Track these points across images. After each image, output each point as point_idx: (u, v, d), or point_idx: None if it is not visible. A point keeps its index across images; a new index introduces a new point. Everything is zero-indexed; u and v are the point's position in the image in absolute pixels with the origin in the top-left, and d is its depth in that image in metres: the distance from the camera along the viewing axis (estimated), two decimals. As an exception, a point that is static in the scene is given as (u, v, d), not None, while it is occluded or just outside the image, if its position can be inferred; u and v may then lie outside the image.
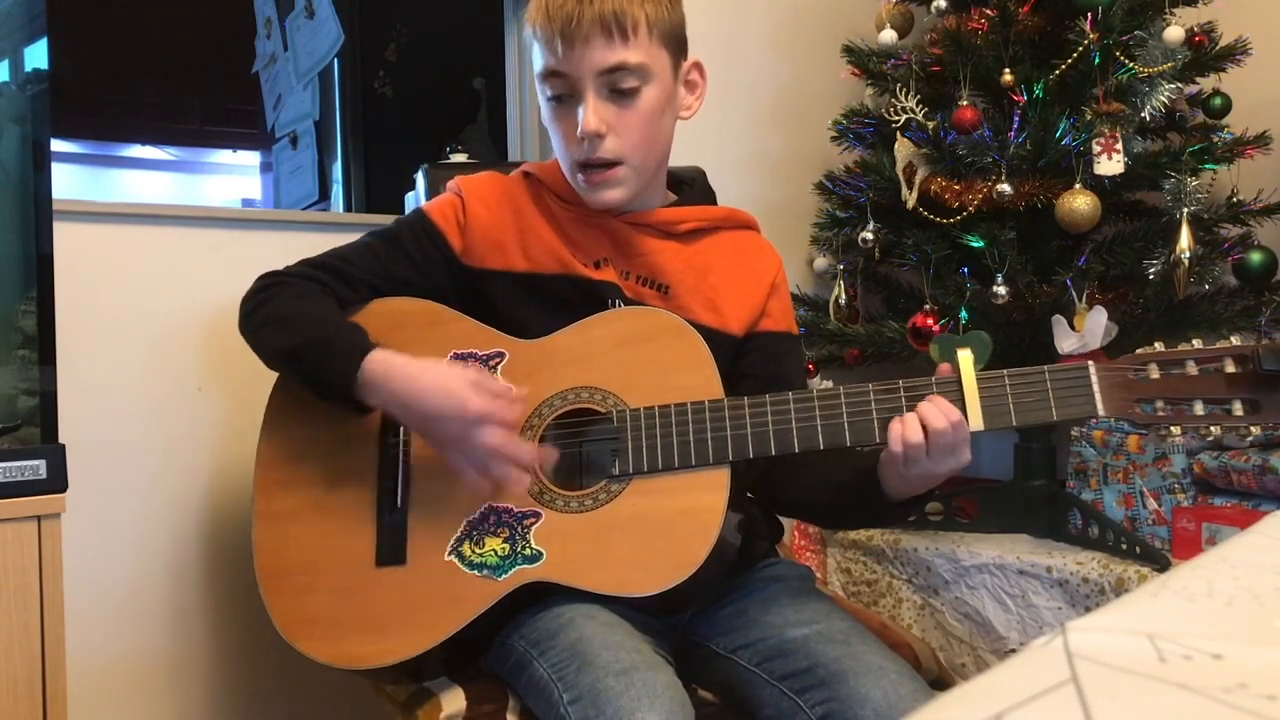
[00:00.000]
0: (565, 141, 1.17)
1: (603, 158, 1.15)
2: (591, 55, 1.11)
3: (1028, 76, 1.75)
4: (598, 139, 1.14)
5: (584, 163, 1.16)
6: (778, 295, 1.29)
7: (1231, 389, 1.00)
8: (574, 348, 1.16)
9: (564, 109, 1.16)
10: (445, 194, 1.26)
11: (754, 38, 2.14)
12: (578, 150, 1.15)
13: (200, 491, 1.58)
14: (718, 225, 1.29)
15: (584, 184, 1.18)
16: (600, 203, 1.19)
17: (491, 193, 1.24)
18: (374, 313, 1.19)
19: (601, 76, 1.12)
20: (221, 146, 4.65)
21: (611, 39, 1.11)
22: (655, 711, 0.93)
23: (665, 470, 1.09)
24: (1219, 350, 1.01)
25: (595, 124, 1.13)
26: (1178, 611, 0.53)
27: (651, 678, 0.96)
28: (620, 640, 1.02)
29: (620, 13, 1.11)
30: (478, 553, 1.10)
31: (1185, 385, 1.01)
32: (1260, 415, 0.99)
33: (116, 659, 1.52)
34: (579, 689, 0.96)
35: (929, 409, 1.03)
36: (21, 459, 1.11)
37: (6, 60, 1.32)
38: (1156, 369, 1.03)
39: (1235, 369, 1.00)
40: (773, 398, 1.10)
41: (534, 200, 1.24)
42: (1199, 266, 1.63)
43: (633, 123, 1.15)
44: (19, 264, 1.27)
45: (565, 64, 1.12)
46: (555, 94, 1.15)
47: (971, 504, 1.84)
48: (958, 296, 1.73)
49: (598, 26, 1.11)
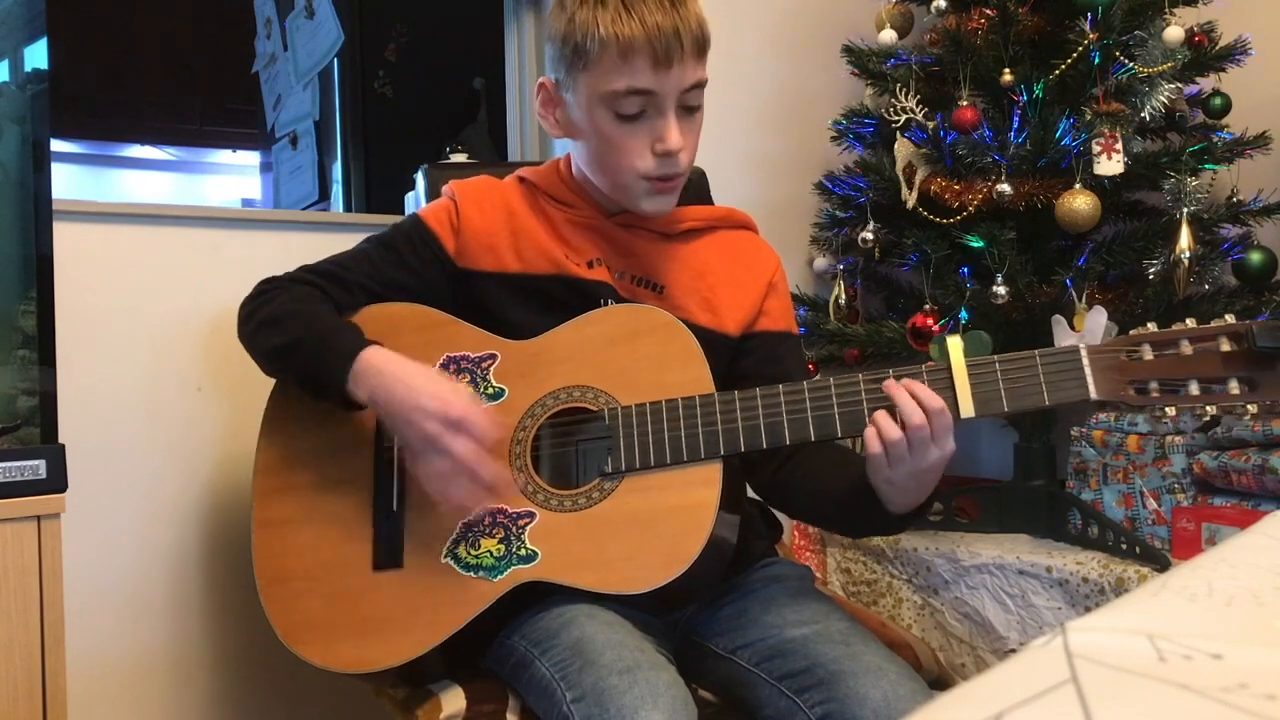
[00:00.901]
0: (632, 155, 1.15)
1: (678, 173, 1.17)
2: (685, 75, 1.12)
3: (1028, 76, 1.75)
4: (678, 155, 1.15)
5: (654, 175, 1.16)
6: (776, 294, 1.28)
7: (1227, 368, 0.97)
8: (566, 347, 1.16)
9: (635, 124, 1.14)
10: (440, 198, 1.27)
11: (754, 38, 2.14)
12: (654, 165, 1.15)
13: (200, 491, 1.58)
14: (714, 225, 1.29)
15: (650, 192, 1.18)
16: (660, 212, 1.21)
17: (485, 195, 1.25)
18: (368, 317, 1.20)
19: (683, 94, 1.14)
20: (221, 146, 4.65)
21: (701, 59, 1.14)
22: (659, 710, 0.93)
23: (658, 467, 1.09)
24: (1214, 329, 0.98)
25: (681, 141, 1.14)
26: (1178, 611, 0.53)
27: (654, 677, 0.96)
28: (622, 639, 1.02)
29: (705, 33, 1.13)
30: (473, 554, 1.10)
31: (1180, 365, 0.99)
32: (1257, 393, 0.96)
33: (116, 659, 1.52)
34: (582, 688, 0.96)
35: (900, 397, 1.01)
36: (21, 459, 1.11)
37: (6, 60, 1.32)
38: (1150, 350, 1.00)
39: (1230, 347, 0.97)
40: (763, 391, 1.09)
41: (528, 203, 1.25)
42: (1199, 266, 1.63)
43: (694, 138, 1.18)
44: (19, 264, 1.27)
45: (657, 82, 1.11)
46: (635, 112, 1.14)
47: (971, 504, 1.84)
48: (958, 296, 1.73)
49: (693, 44, 1.11)
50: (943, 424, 1.00)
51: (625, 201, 1.21)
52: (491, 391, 1.16)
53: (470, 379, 1.16)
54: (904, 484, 1.04)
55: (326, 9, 2.57)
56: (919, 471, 1.02)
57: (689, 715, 0.96)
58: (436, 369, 1.16)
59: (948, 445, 1.01)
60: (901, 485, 1.04)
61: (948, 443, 1.01)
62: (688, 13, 1.11)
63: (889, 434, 1.00)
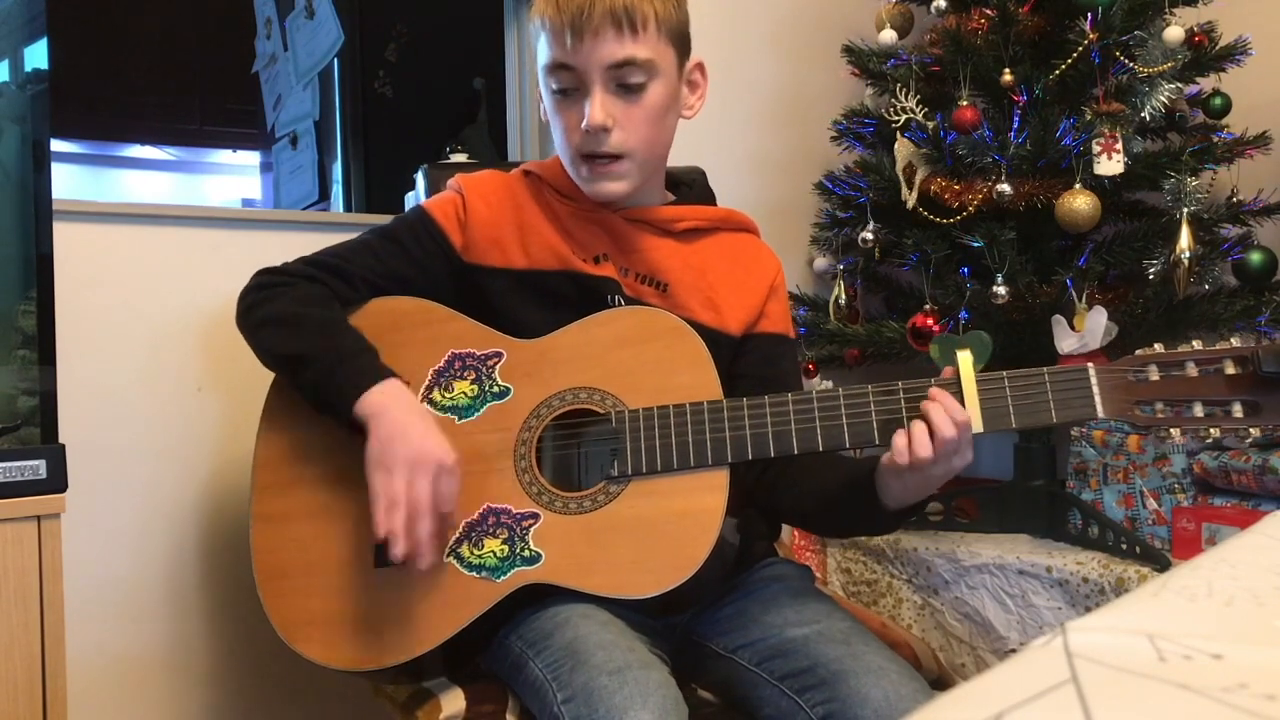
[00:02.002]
0: (568, 133, 1.17)
1: (607, 151, 1.15)
2: (601, 49, 1.11)
3: (1028, 76, 1.75)
4: (604, 133, 1.14)
5: (588, 154, 1.16)
6: (776, 298, 1.28)
7: (1232, 390, 0.99)
8: (573, 347, 1.16)
9: (569, 101, 1.15)
10: (446, 191, 1.26)
11: (754, 38, 2.14)
12: (582, 142, 1.15)
13: (199, 491, 1.58)
14: (716, 226, 1.29)
15: (586, 175, 1.18)
16: (602, 194, 1.19)
17: (492, 190, 1.24)
18: (372, 312, 1.19)
19: (610, 71, 1.12)
20: (221, 146, 4.65)
21: (621, 33, 1.11)
22: (648, 710, 0.93)
23: (664, 471, 1.09)
24: (1219, 352, 1.00)
25: (602, 117, 1.13)
26: (1178, 611, 0.53)
27: (644, 676, 0.96)
28: (614, 640, 1.02)
29: (630, 7, 1.11)
30: (476, 554, 1.10)
31: (1185, 387, 1.01)
32: (1260, 417, 0.98)
33: (116, 659, 1.52)
34: (572, 688, 0.96)
35: (938, 416, 1.01)
36: (21, 459, 1.11)
37: (6, 60, 1.32)
38: (1156, 370, 1.02)
39: (1235, 370, 0.99)
40: (772, 399, 1.09)
41: (534, 197, 1.24)
42: (1199, 266, 1.63)
43: (638, 118, 1.15)
44: (19, 264, 1.27)
45: (573, 56, 1.12)
46: (561, 87, 1.15)
47: (971, 504, 1.84)
48: (958, 296, 1.73)
49: (608, 19, 1.10)
50: (967, 437, 1.02)
51: (580, 186, 1.20)
52: (497, 390, 1.15)
53: (476, 376, 1.16)
54: (917, 486, 1.05)
55: (326, 9, 2.58)
56: (933, 477, 1.04)
57: (679, 714, 0.96)
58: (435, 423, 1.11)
59: (968, 454, 1.03)
60: (915, 487, 1.06)
61: (968, 452, 1.03)
62: None
63: (920, 451, 1.00)
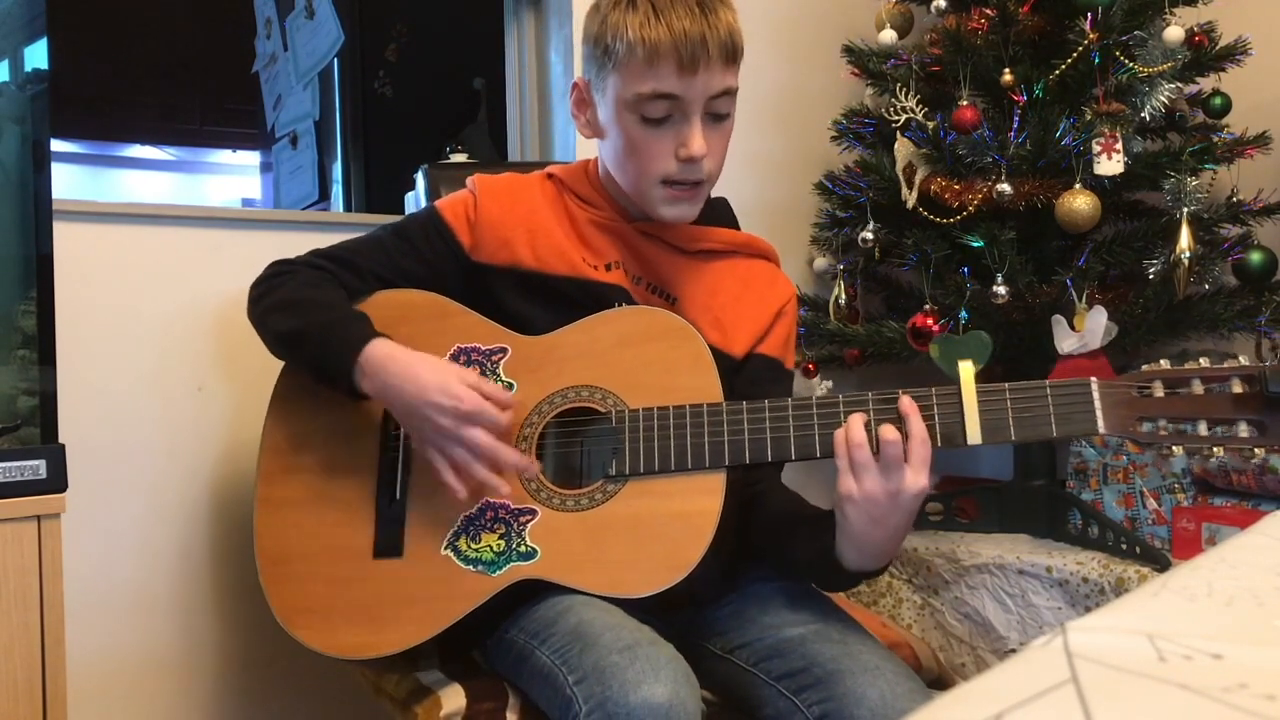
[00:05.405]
0: (655, 160, 1.16)
1: (698, 179, 1.16)
2: (711, 80, 1.12)
3: (1028, 76, 1.75)
4: (701, 161, 1.15)
5: (676, 180, 1.16)
6: (782, 323, 1.28)
7: (1238, 410, 0.96)
8: (577, 345, 1.16)
9: (660, 129, 1.15)
10: (461, 191, 1.28)
11: (754, 38, 2.12)
12: (676, 170, 1.15)
13: (200, 491, 1.58)
14: (735, 250, 1.29)
15: (665, 198, 1.18)
16: (679, 217, 1.20)
17: (505, 191, 1.26)
18: (379, 304, 1.20)
19: (710, 100, 1.13)
20: (221, 146, 4.66)
21: (728, 65, 1.13)
22: (660, 683, 0.93)
23: (662, 472, 1.10)
24: (1226, 370, 0.98)
25: (704, 148, 1.14)
26: (1178, 611, 0.53)
27: (655, 652, 0.96)
28: (621, 621, 1.02)
29: (736, 39, 1.13)
30: (474, 548, 1.11)
31: (1190, 405, 0.98)
32: (1266, 438, 0.95)
33: (116, 659, 1.52)
34: (584, 669, 0.96)
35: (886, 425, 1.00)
36: (21, 459, 1.11)
37: (6, 60, 1.32)
38: (1161, 387, 0.99)
39: (1242, 389, 0.96)
40: (771, 404, 1.09)
41: (551, 201, 1.25)
42: (1199, 266, 1.63)
43: (721, 145, 1.18)
44: (19, 264, 1.27)
45: (681, 86, 1.11)
46: (658, 116, 1.14)
47: (971, 504, 1.84)
48: (958, 296, 1.73)
49: (721, 52, 1.11)
50: (922, 453, 0.99)
51: (645, 206, 1.21)
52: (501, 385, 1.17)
53: (480, 371, 1.16)
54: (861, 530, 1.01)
55: (326, 9, 2.58)
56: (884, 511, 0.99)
57: (691, 686, 0.96)
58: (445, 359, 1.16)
59: (921, 478, 0.99)
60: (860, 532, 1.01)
61: (922, 475, 0.99)
62: (718, 20, 1.11)
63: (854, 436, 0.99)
